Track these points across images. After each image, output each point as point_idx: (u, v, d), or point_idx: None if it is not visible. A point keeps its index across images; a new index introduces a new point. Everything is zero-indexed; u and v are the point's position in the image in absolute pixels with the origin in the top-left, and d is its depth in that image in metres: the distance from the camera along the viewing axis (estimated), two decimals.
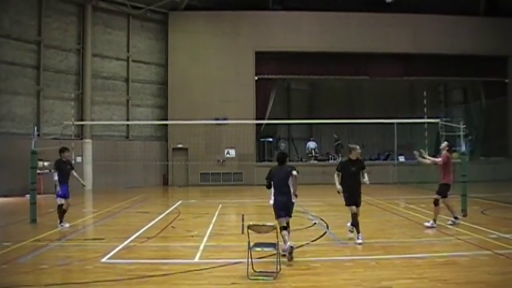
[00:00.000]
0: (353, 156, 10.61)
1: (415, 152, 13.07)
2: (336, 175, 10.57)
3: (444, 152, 12.83)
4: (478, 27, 30.12)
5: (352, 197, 10.46)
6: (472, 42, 29.55)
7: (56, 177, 12.82)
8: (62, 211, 12.78)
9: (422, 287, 7.11)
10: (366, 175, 10.51)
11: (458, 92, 36.19)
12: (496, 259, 8.68)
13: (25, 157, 14.91)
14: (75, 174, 13.29)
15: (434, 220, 12.31)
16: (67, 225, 12.74)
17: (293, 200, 9.19)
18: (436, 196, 12.48)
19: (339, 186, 10.47)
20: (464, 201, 14.09)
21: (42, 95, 25.07)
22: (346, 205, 10.60)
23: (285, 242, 8.68)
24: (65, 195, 12.82)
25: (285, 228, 8.91)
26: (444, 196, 12.46)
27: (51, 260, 9.02)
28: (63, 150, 13.17)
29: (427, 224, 12.33)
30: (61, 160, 13.05)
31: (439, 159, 12.79)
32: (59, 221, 12.69)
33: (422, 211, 15.16)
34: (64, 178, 12.95)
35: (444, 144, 13.15)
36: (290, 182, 9.11)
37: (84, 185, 13.20)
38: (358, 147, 10.74)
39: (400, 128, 27.14)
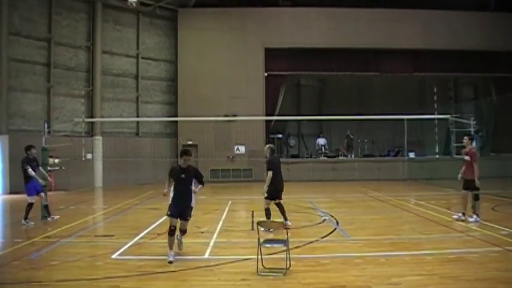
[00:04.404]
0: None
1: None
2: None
3: (470, 147, 12.54)
4: (488, 23, 29.81)
5: None
6: (482, 38, 29.26)
7: (31, 173, 12.95)
8: (30, 209, 12.76)
9: (432, 283, 7.07)
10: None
11: (469, 88, 35.87)
12: (507, 256, 8.63)
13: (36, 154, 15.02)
14: (41, 170, 13.46)
15: (464, 214, 12.49)
16: (32, 222, 12.67)
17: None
18: (476, 192, 12.41)
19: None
20: None
21: (52, 92, 25.17)
22: None
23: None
24: (37, 191, 12.93)
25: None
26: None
27: (62, 256, 9.08)
28: (29, 148, 13.25)
29: (470, 219, 12.26)
30: (28, 157, 13.14)
31: (467, 157, 12.39)
32: (24, 218, 12.62)
33: (433, 207, 15.08)
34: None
35: (466, 138, 12.70)
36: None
37: (44, 185, 13.32)
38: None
39: (410, 124, 26.97)
